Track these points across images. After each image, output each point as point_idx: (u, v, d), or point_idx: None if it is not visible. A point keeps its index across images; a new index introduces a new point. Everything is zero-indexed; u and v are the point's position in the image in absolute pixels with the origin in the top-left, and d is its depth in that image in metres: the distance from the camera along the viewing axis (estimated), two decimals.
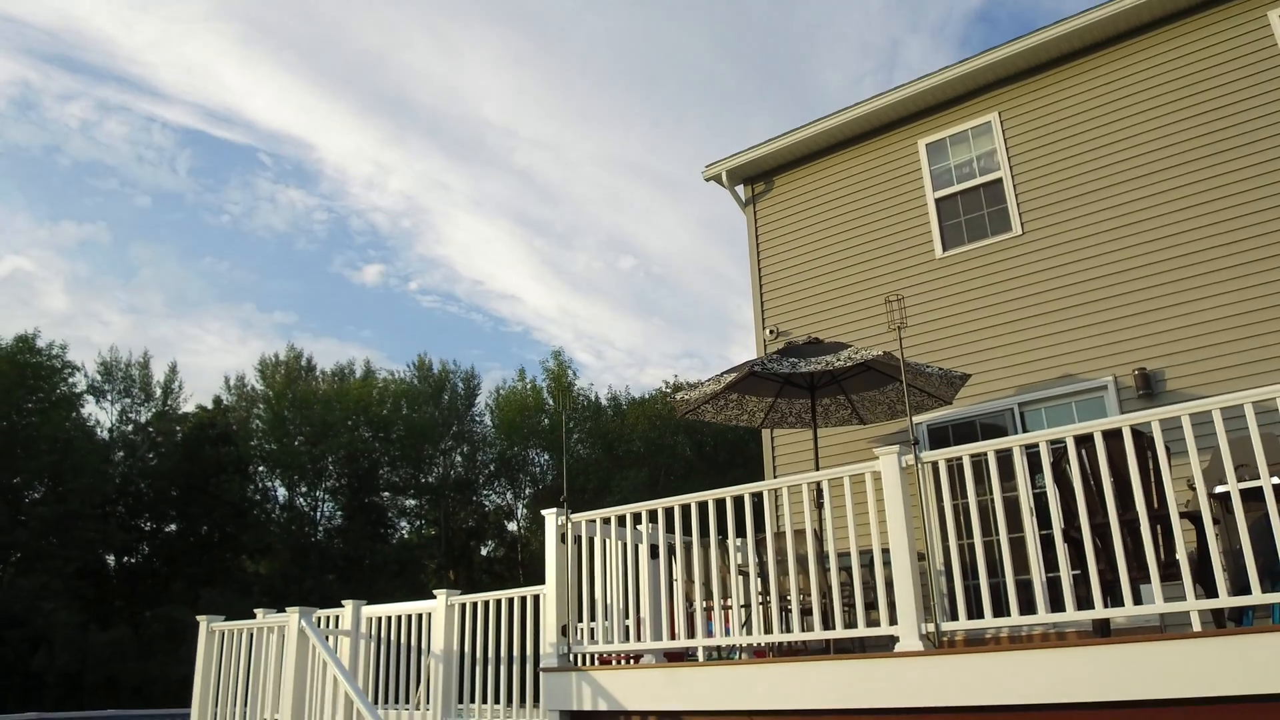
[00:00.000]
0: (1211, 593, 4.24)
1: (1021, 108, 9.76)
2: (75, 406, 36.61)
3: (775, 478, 10.00)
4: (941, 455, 5.17)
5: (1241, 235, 8.12)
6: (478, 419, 46.45)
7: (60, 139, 55.60)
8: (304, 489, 41.43)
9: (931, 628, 4.95)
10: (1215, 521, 4.85)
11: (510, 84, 67.59)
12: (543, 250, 71.74)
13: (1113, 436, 4.77)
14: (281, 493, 41.48)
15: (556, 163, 70.79)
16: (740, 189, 11.62)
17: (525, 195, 71.51)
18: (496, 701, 6.63)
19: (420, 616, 7.09)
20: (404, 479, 43.44)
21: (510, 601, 6.66)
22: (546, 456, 45.40)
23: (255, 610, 7.50)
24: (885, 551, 5.23)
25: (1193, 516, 4.81)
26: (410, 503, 44.06)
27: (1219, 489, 4.69)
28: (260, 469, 40.85)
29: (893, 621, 5.07)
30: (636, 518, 6.34)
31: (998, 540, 4.90)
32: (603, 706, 5.97)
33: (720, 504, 5.92)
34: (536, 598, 6.51)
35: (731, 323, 71.34)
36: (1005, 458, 5.07)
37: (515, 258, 70.79)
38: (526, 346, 70.15)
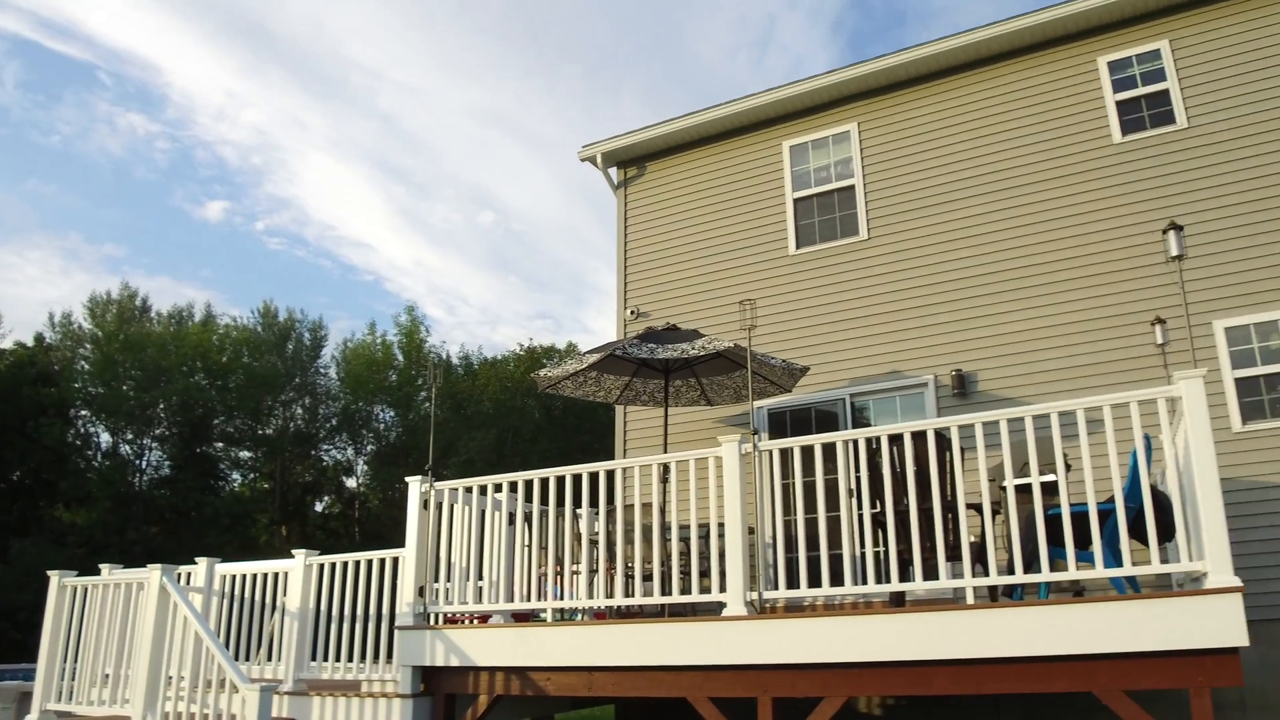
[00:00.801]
0: (987, 572, 5.05)
1: (878, 121, 10.57)
2: None
3: (627, 452, 10.60)
4: (777, 445, 5.81)
5: (1048, 258, 9.20)
6: (323, 371, 45.18)
7: None
8: (130, 436, 39.24)
9: (755, 595, 5.60)
10: (995, 512, 5.71)
11: (379, 22, 65.24)
12: (400, 198, 70.02)
13: (919, 437, 5.52)
14: (105, 439, 39.16)
15: (421, 109, 69.08)
16: (614, 171, 12.02)
17: (386, 140, 69.48)
18: (350, 659, 6.88)
19: (277, 575, 7.23)
20: (240, 430, 41.79)
21: (370, 563, 6.91)
22: (392, 413, 44.69)
23: (101, 566, 7.43)
24: (721, 526, 5.83)
25: (978, 507, 5.64)
26: (245, 455, 42.46)
27: (1004, 484, 5.51)
28: (84, 413, 38.37)
29: (723, 589, 5.69)
30: (497, 486, 6.71)
31: (819, 519, 5.57)
32: (455, 662, 6.36)
33: (577, 479, 6.37)
34: (395, 560, 6.79)
35: (588, 286, 71.91)
36: (830, 449, 5.75)
37: (371, 204, 68.79)
38: (376, 297, 68.50)
